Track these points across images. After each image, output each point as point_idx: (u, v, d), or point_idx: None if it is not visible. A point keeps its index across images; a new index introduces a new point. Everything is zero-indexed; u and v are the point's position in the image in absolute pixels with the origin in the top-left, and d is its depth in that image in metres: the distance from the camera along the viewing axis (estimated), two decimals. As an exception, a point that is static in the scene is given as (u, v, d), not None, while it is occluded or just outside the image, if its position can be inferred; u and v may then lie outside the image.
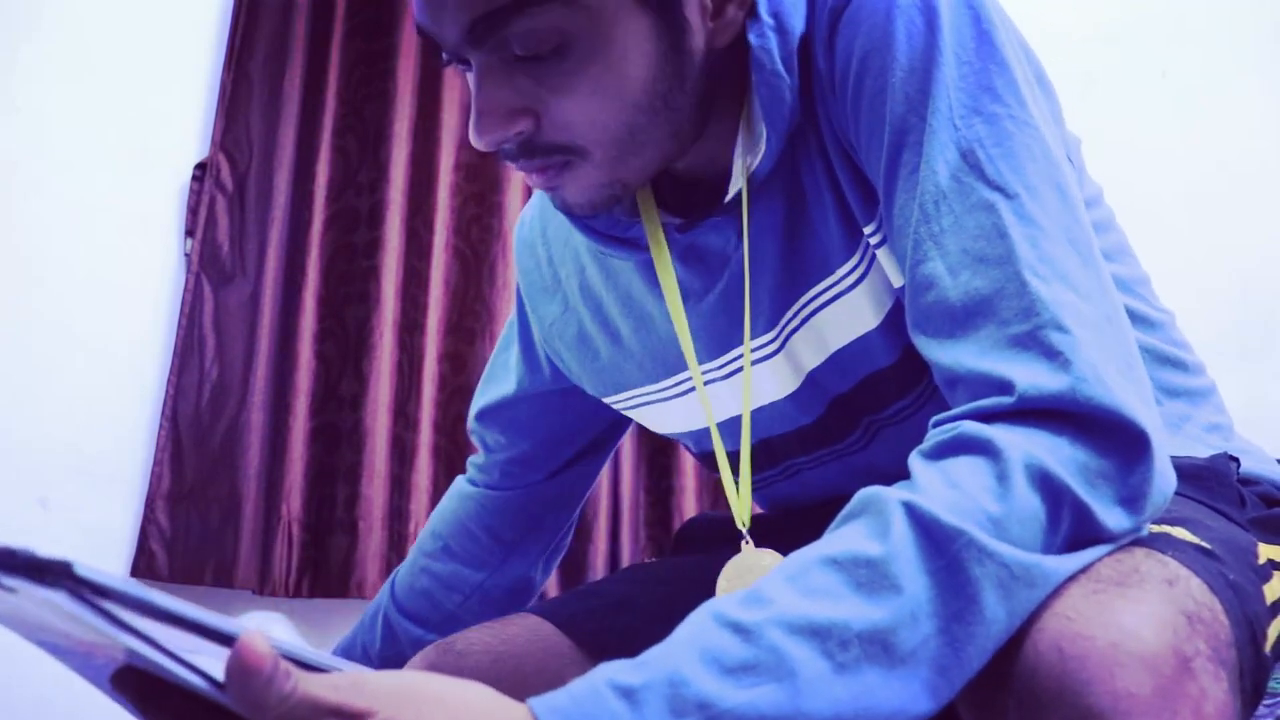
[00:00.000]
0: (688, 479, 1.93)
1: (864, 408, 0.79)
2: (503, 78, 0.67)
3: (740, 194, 0.74)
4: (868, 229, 0.71)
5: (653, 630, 0.55)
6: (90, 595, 0.39)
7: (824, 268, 0.75)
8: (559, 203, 0.75)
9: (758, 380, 0.82)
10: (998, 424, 0.56)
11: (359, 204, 1.96)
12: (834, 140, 0.72)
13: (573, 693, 0.47)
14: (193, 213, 1.93)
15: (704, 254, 0.80)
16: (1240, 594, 0.57)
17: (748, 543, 0.78)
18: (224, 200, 1.93)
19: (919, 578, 0.51)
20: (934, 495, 0.53)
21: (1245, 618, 0.56)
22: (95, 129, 1.92)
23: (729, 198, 0.75)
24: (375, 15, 2.03)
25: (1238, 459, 0.76)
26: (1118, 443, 0.56)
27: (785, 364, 0.80)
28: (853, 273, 0.73)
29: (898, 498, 0.53)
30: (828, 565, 0.52)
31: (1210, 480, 0.71)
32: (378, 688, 0.46)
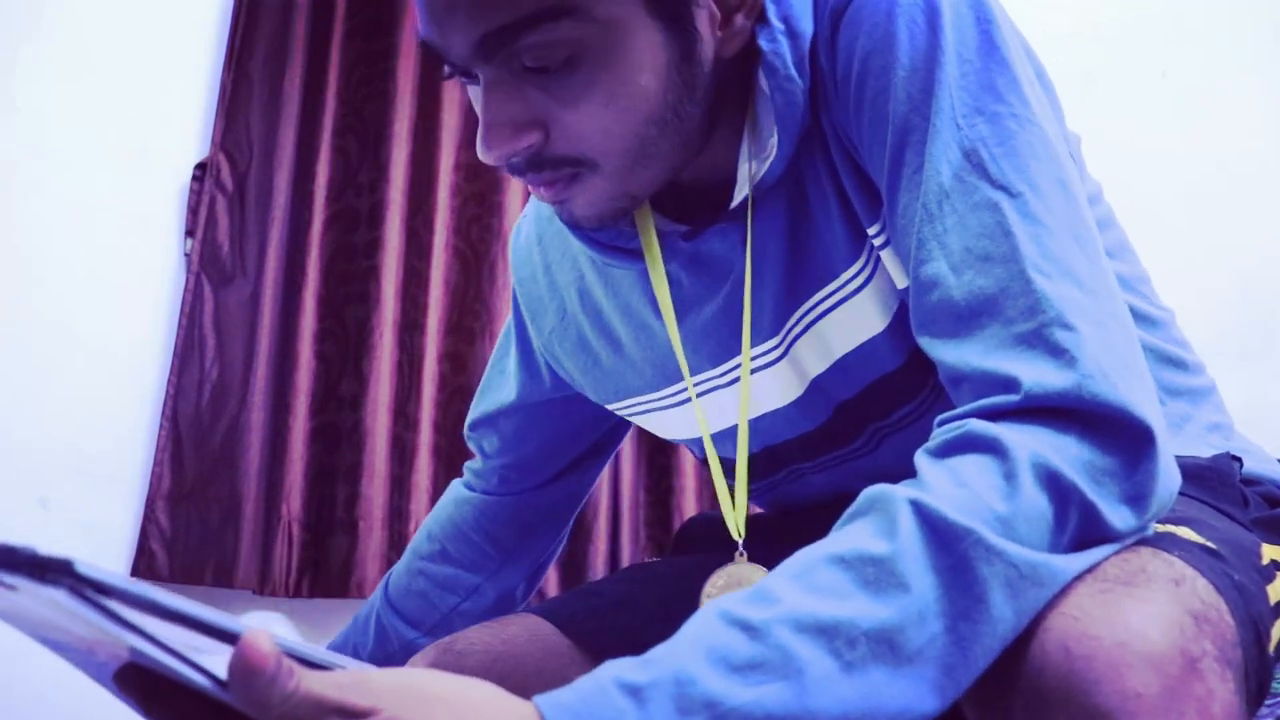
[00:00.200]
0: (688, 479, 1.92)
1: (869, 414, 0.78)
2: (511, 90, 0.66)
3: (745, 200, 0.74)
4: (872, 230, 0.71)
5: (653, 630, 0.55)
6: (91, 593, 0.39)
7: (829, 272, 0.74)
8: (566, 216, 0.74)
9: (761, 387, 0.81)
10: (1004, 422, 0.56)
11: (359, 204, 1.95)
12: (837, 142, 0.71)
13: (579, 690, 0.47)
14: (193, 213, 1.93)
15: (709, 261, 0.79)
16: (1245, 594, 0.57)
17: (742, 554, 0.77)
18: (224, 200, 1.93)
19: (926, 576, 0.51)
20: (941, 494, 0.53)
21: (1250, 618, 0.56)
22: (95, 129, 1.92)
23: (734, 204, 0.75)
24: (375, 15, 2.02)
25: (1240, 459, 0.76)
26: (1123, 440, 0.56)
27: (789, 370, 0.79)
28: (858, 276, 0.73)
29: (905, 496, 0.53)
30: (835, 563, 0.52)
31: (1213, 480, 0.71)
32: (381, 685, 0.45)
